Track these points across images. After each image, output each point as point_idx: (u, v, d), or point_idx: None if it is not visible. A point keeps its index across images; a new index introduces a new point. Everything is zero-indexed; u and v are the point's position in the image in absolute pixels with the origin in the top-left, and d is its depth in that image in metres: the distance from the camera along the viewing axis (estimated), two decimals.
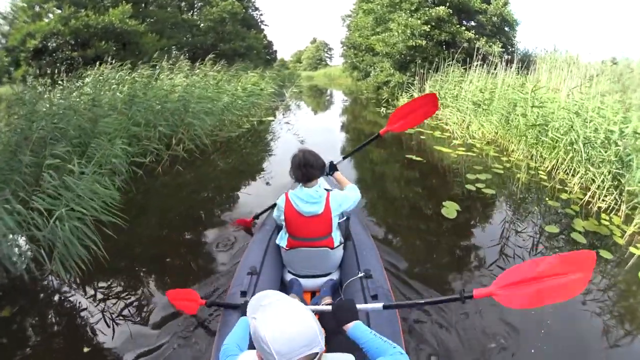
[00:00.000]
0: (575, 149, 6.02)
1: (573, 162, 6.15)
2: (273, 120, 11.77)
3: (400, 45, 15.23)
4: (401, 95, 15.28)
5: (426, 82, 13.97)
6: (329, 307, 1.85)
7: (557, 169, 6.49)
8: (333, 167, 3.05)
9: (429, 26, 14.51)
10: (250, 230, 4.07)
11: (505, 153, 7.70)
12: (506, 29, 16.77)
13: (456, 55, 12.91)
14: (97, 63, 8.74)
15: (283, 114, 13.93)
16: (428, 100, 3.24)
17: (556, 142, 6.57)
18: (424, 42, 14.71)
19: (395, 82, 16.31)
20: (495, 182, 6.14)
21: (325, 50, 67.24)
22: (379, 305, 1.97)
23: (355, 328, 1.64)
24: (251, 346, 1.39)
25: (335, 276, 2.75)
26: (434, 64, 14.04)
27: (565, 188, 5.84)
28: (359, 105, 18.13)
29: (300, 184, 2.55)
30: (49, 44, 16.32)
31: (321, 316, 1.93)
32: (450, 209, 4.85)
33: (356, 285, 2.43)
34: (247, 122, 10.03)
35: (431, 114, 3.31)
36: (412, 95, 14.26)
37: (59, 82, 7.61)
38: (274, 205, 2.90)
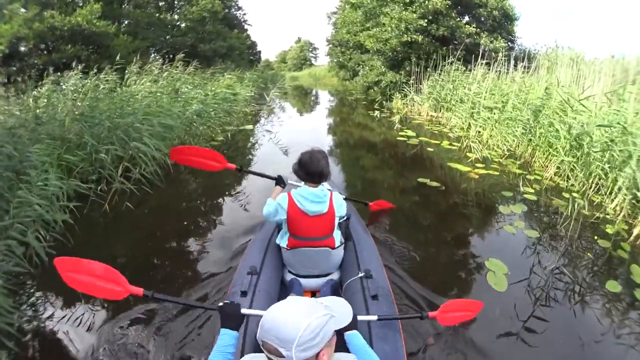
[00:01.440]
0: (626, 170, 4.89)
1: (609, 181, 5.20)
2: (252, 129, 10.25)
3: (393, 41, 13.79)
4: (395, 96, 14.05)
5: (423, 82, 12.73)
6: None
7: (590, 189, 5.49)
8: None
9: (426, 20, 13.19)
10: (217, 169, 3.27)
11: (530, 170, 6.55)
12: (505, 23, 15.54)
13: (457, 53, 11.71)
14: (52, 69, 7.57)
15: (265, 120, 12.58)
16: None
17: (587, 157, 5.59)
18: (420, 38, 13.39)
19: (387, 82, 15.00)
20: (533, 216, 4.96)
21: (310, 49, 66.20)
22: (373, 317, 2.01)
23: (353, 335, 1.69)
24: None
25: (335, 276, 2.75)
26: (432, 62, 12.77)
27: (607, 216, 4.78)
28: (346, 106, 16.89)
29: (303, 183, 2.52)
30: (20, 49, 14.80)
31: None
32: (497, 276, 3.47)
33: (356, 286, 2.42)
34: (220, 134, 8.59)
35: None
36: (405, 95, 13.08)
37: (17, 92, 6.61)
38: (269, 177, 3.16)
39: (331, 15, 30.59)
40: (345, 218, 2.81)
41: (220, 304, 1.79)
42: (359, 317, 1.85)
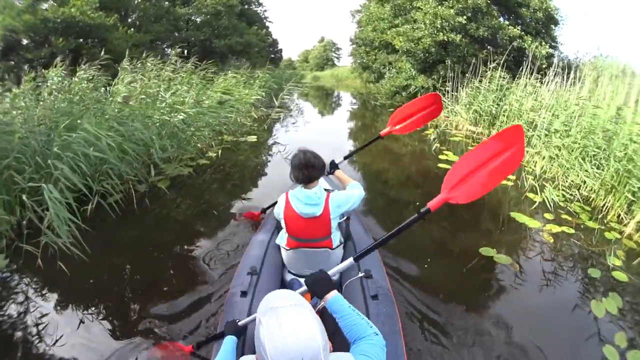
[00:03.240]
0: None
1: None
2: (256, 140, 8.46)
3: (426, 41, 12.04)
4: None
5: (460, 89, 10.91)
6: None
7: None
8: (334, 166, 3.06)
9: (464, 18, 11.43)
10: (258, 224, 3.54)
11: (604, 221, 4.92)
12: (547, 27, 13.70)
13: (501, 58, 9.96)
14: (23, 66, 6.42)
15: (280, 125, 10.98)
16: (431, 101, 3.12)
17: None
18: (457, 38, 11.62)
19: (417, 86, 13.24)
20: (632, 317, 3.21)
21: (333, 50, 64.86)
22: (350, 260, 1.94)
23: (334, 300, 1.58)
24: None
25: (335, 276, 2.42)
26: (471, 67, 10.94)
27: None
28: (369, 111, 15.18)
29: (301, 185, 2.47)
30: (19, 43, 14.02)
31: (321, 315, 1.82)
32: None
33: (356, 285, 2.39)
34: (215, 148, 6.97)
35: (435, 116, 3.21)
36: (445, 107, 11.38)
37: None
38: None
39: (355, 14, 29.20)
40: (345, 218, 2.85)
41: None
42: (332, 271, 1.81)
